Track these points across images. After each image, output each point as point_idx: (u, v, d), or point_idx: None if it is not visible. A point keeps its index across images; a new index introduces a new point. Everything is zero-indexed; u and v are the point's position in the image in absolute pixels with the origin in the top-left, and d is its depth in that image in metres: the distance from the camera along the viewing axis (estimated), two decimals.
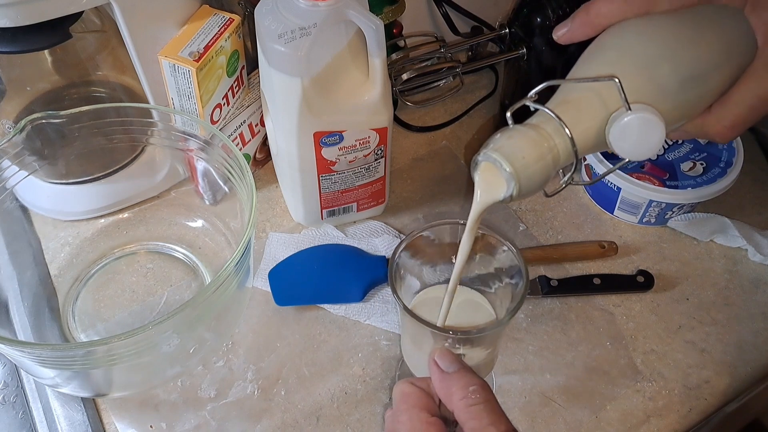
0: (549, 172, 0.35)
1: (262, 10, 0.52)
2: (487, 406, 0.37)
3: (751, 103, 0.39)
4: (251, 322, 0.60)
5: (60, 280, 0.62)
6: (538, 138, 0.35)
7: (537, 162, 0.35)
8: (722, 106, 0.40)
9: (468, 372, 0.40)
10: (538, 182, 0.35)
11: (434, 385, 0.41)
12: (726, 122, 0.40)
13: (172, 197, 0.67)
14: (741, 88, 0.39)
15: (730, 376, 0.58)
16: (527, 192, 0.35)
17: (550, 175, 0.36)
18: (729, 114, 0.40)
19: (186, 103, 0.57)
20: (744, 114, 0.40)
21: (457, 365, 0.40)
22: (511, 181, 0.35)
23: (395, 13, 0.69)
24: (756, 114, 0.40)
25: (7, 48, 0.52)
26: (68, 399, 0.56)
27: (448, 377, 0.40)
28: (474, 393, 0.38)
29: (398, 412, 0.40)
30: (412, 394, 0.40)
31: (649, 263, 0.65)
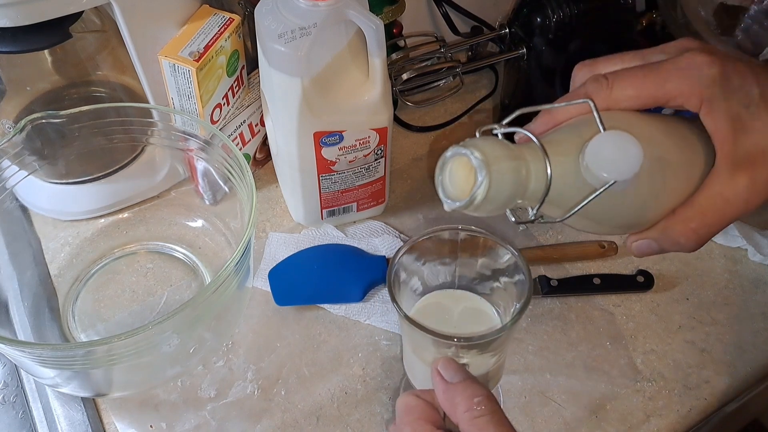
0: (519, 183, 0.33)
1: (262, 10, 0.52)
2: (493, 418, 0.36)
3: (716, 204, 0.37)
4: (251, 322, 0.60)
5: (60, 280, 0.62)
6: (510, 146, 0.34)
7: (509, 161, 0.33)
8: (687, 207, 0.38)
9: (473, 382, 0.39)
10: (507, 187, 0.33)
11: (438, 396, 0.39)
12: (692, 223, 0.37)
13: (172, 197, 0.67)
14: (705, 190, 0.37)
15: (730, 376, 0.58)
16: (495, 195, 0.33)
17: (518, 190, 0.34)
18: (694, 214, 0.37)
19: (186, 103, 0.57)
20: (709, 215, 0.37)
21: (462, 375, 0.39)
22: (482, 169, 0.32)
23: (395, 13, 0.69)
24: (721, 217, 0.37)
25: (7, 48, 0.52)
26: (68, 399, 0.56)
27: (452, 388, 0.39)
28: (479, 404, 0.37)
29: (402, 425, 0.39)
30: (417, 406, 0.39)
31: (649, 263, 0.65)
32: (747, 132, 0.36)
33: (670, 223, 0.38)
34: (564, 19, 0.60)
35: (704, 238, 0.38)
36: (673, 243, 0.38)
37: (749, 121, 0.36)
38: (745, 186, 0.36)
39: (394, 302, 0.42)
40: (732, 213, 0.37)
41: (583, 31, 0.62)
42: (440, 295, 0.49)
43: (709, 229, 0.37)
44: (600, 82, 0.38)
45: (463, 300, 0.49)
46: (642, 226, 0.39)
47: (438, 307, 0.48)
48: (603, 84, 0.38)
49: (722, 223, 0.37)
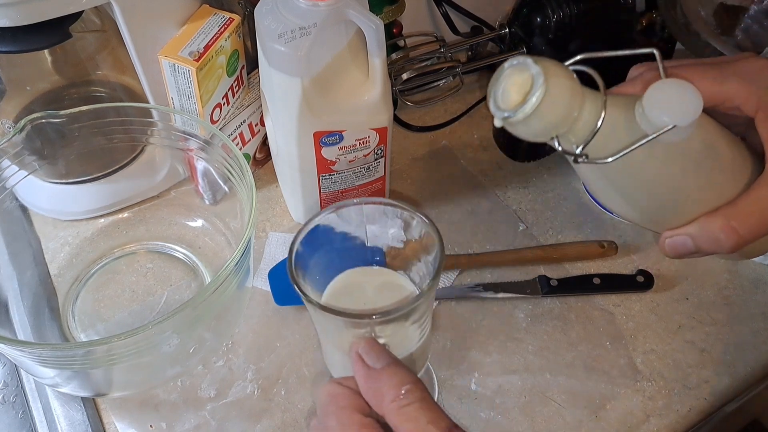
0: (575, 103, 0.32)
1: (262, 10, 0.52)
2: (422, 405, 0.33)
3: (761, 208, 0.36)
4: (251, 322, 0.60)
5: (60, 279, 0.62)
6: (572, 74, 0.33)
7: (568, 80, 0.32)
8: (730, 206, 0.37)
9: (399, 367, 0.35)
10: (563, 101, 0.32)
11: (360, 383, 0.36)
12: (733, 221, 0.36)
13: (171, 197, 0.67)
14: (751, 193, 0.37)
15: (729, 376, 0.58)
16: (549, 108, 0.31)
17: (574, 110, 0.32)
18: (737, 213, 0.36)
19: (186, 103, 0.57)
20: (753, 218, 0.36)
21: (386, 359, 0.35)
22: (540, 77, 0.31)
23: (395, 12, 0.69)
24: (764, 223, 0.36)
25: (7, 48, 0.52)
26: (68, 399, 0.56)
27: (376, 375, 0.35)
28: (408, 393, 0.33)
29: (326, 416, 0.36)
30: (341, 394, 0.36)
31: (648, 263, 0.65)
32: None
33: (710, 218, 0.36)
34: (564, 19, 0.60)
35: (744, 239, 0.36)
36: (712, 239, 0.36)
37: None
38: None
39: (295, 286, 0.38)
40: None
41: (583, 31, 0.62)
42: (351, 274, 0.45)
43: (750, 231, 0.36)
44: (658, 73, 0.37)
45: (377, 276, 0.45)
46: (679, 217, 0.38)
47: (350, 287, 0.44)
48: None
49: (763, 230, 0.36)
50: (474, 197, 0.69)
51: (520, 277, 0.63)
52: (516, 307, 0.61)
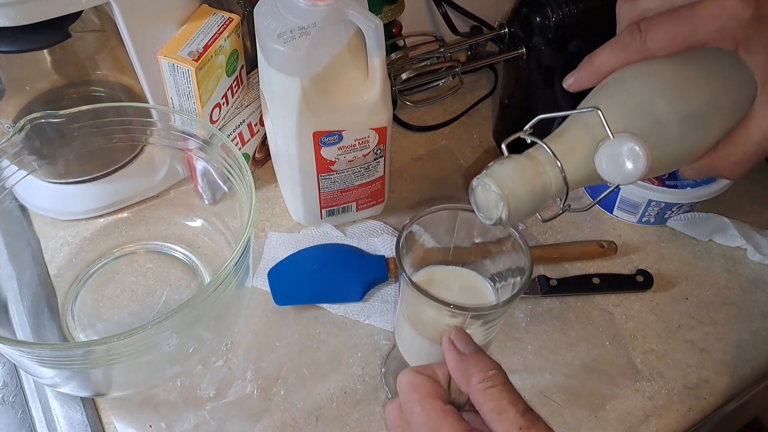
0: (538, 197, 0.38)
1: (262, 10, 0.52)
2: (505, 388, 0.37)
3: (756, 139, 0.40)
4: (251, 322, 0.60)
5: (59, 279, 0.62)
6: (528, 164, 0.38)
7: (526, 185, 0.37)
8: (728, 144, 0.41)
9: (484, 355, 0.39)
10: (527, 205, 0.37)
11: (450, 365, 0.40)
12: (733, 158, 0.41)
13: (171, 197, 0.67)
14: (745, 126, 0.40)
15: (729, 376, 0.58)
16: (517, 214, 0.37)
17: (540, 199, 0.38)
18: (735, 151, 0.41)
19: (185, 103, 0.57)
20: (750, 150, 0.41)
21: (473, 347, 0.40)
22: (500, 202, 0.37)
23: (395, 12, 0.69)
24: (762, 150, 0.41)
25: (6, 47, 0.52)
26: (67, 398, 0.56)
27: (466, 359, 0.39)
28: (494, 376, 0.37)
29: (410, 403, 0.39)
30: (423, 383, 0.39)
31: (648, 263, 0.65)
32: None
33: (713, 160, 0.41)
34: (564, 19, 0.60)
35: (746, 167, 0.41)
36: (718, 174, 0.41)
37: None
38: None
39: (401, 266, 0.42)
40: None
41: (583, 31, 0.62)
42: (437, 271, 0.49)
43: (750, 159, 0.40)
44: (634, 35, 0.40)
45: (460, 276, 0.49)
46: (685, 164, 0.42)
47: (436, 283, 0.48)
48: (636, 36, 0.40)
49: (761, 156, 0.40)
50: None
51: None
52: (515, 306, 0.61)
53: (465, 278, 0.49)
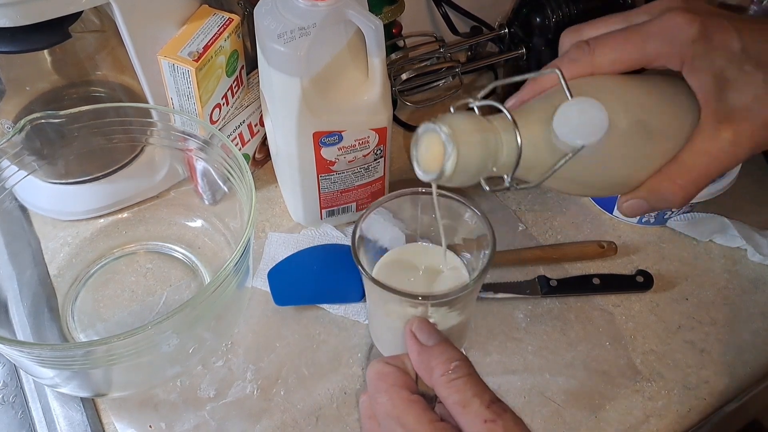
0: (490, 153, 0.35)
1: (262, 10, 0.52)
2: (469, 380, 0.36)
3: (701, 160, 0.37)
4: (251, 322, 0.60)
5: (59, 280, 0.62)
6: (483, 120, 0.35)
7: (477, 133, 0.34)
8: (673, 165, 0.38)
9: (448, 345, 0.38)
10: (476, 160, 0.34)
11: (412, 358, 0.39)
12: (678, 180, 0.38)
13: (171, 197, 0.67)
14: (690, 148, 0.38)
15: (729, 376, 0.58)
16: (464, 167, 0.34)
17: (489, 159, 0.35)
18: (680, 172, 0.38)
19: (185, 103, 0.57)
20: (695, 171, 0.38)
21: (436, 338, 0.39)
22: (450, 145, 0.33)
23: (395, 12, 0.69)
24: (706, 172, 0.38)
25: (6, 48, 0.52)
26: (67, 399, 0.56)
27: (428, 351, 0.38)
28: (456, 368, 0.36)
29: (376, 393, 0.38)
30: (389, 373, 0.38)
31: (648, 263, 0.65)
32: (730, 88, 0.36)
33: (657, 181, 0.38)
34: (564, 19, 0.60)
35: (691, 193, 0.38)
36: (661, 200, 0.38)
37: (732, 76, 0.36)
38: (730, 141, 0.36)
39: (358, 264, 0.41)
40: (717, 167, 0.37)
41: None
42: (404, 251, 0.48)
43: (696, 185, 0.37)
44: (582, 49, 0.39)
45: (428, 253, 0.48)
46: (631, 186, 0.39)
47: (402, 264, 0.47)
48: (585, 50, 0.39)
49: (708, 178, 0.37)
50: (473, 197, 0.69)
51: (519, 277, 0.63)
52: (515, 307, 0.61)
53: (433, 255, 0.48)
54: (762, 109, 0.36)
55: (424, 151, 0.36)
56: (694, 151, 0.37)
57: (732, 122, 0.36)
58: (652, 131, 0.38)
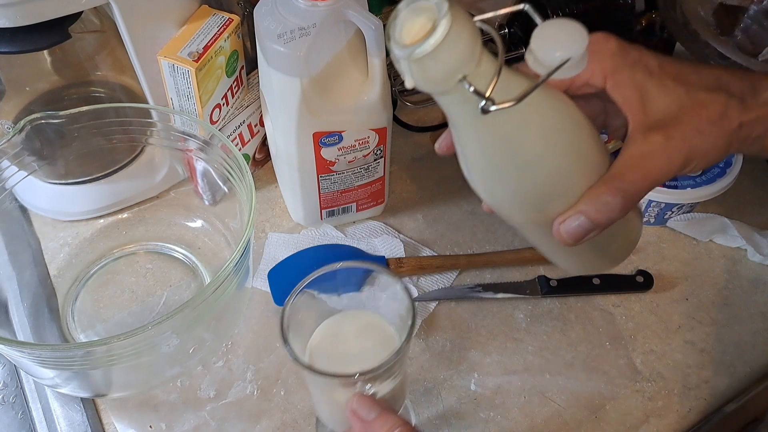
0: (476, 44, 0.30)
1: (262, 10, 0.52)
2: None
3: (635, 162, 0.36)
4: (251, 323, 0.60)
5: (59, 280, 0.62)
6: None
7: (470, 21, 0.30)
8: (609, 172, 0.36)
9: (389, 414, 0.40)
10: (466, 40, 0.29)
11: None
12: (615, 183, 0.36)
13: (171, 197, 0.67)
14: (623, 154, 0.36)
15: (729, 377, 0.58)
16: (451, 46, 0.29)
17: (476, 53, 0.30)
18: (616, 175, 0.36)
19: (185, 104, 0.57)
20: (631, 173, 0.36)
21: (377, 410, 0.40)
22: (442, 11, 0.28)
23: None
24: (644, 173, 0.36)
25: (6, 48, 0.52)
26: (67, 399, 0.56)
27: (371, 425, 0.40)
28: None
29: None
30: None
31: (648, 263, 0.65)
32: (653, 100, 0.36)
33: (594, 189, 0.36)
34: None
35: (632, 195, 0.36)
36: (602, 205, 0.35)
37: (653, 90, 0.36)
38: (661, 142, 0.36)
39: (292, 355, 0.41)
40: (654, 168, 0.36)
41: None
42: (335, 322, 0.48)
43: (634, 186, 0.36)
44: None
45: (357, 320, 0.49)
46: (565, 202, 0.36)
47: (334, 337, 0.48)
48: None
49: (647, 179, 0.36)
50: (474, 197, 0.69)
51: (519, 277, 0.63)
52: (515, 307, 0.61)
53: (362, 321, 0.49)
54: (691, 117, 0.36)
55: (403, 25, 0.30)
56: (628, 156, 0.36)
57: (661, 128, 0.36)
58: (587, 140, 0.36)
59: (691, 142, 0.36)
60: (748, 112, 0.37)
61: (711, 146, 0.36)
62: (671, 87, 0.37)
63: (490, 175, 0.36)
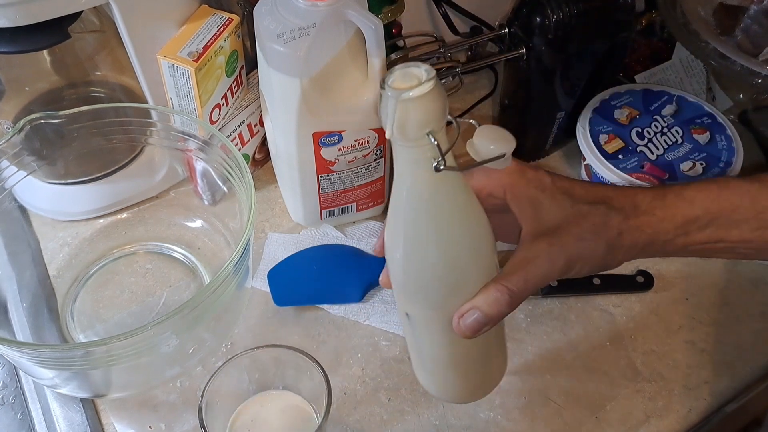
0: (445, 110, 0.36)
1: (261, 10, 0.51)
2: None
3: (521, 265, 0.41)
4: (250, 323, 0.60)
5: (59, 280, 0.62)
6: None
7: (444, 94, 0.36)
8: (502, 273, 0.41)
9: None
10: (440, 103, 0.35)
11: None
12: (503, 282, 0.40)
13: (171, 197, 0.67)
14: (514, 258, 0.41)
15: (729, 377, 0.58)
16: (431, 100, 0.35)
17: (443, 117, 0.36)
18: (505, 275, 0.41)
19: (185, 103, 0.57)
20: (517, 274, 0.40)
21: None
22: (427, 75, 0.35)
23: (394, 13, 0.69)
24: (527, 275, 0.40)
25: (6, 48, 0.52)
26: (67, 400, 0.55)
27: None
28: None
29: None
30: None
31: (648, 263, 0.65)
32: (545, 210, 0.42)
33: (487, 287, 0.40)
34: (563, 19, 0.60)
35: (517, 295, 0.40)
36: (492, 301, 0.40)
37: (545, 201, 0.42)
38: (545, 248, 0.41)
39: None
40: (537, 270, 0.40)
41: (583, 31, 0.62)
42: (251, 404, 0.51)
43: (518, 285, 0.40)
44: None
45: (275, 400, 0.51)
46: (463, 296, 0.41)
47: (254, 419, 0.50)
48: None
49: (529, 281, 0.40)
50: None
51: None
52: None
53: (281, 401, 0.51)
54: (573, 227, 0.41)
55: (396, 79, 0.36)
56: (515, 260, 0.41)
57: (546, 236, 0.41)
58: (491, 241, 0.41)
59: (571, 248, 0.41)
60: (628, 222, 0.42)
61: (591, 252, 0.41)
62: (560, 200, 0.42)
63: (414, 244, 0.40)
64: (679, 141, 0.67)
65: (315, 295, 0.61)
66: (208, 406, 0.47)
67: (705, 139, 0.67)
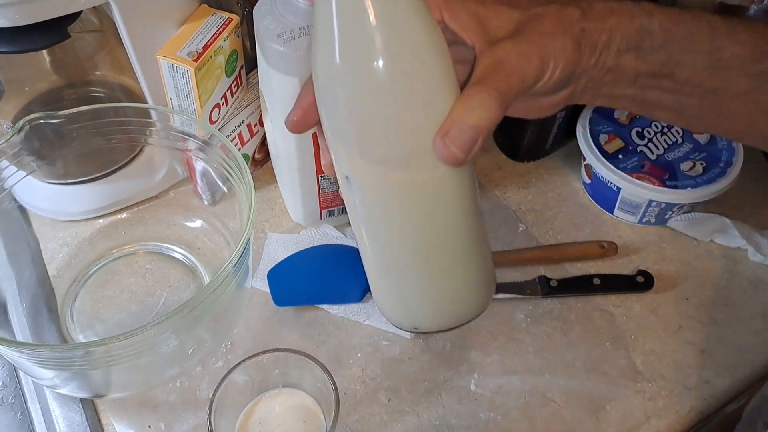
0: None
1: (261, 10, 0.51)
2: None
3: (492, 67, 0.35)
4: (250, 323, 0.60)
5: (58, 280, 0.62)
6: None
7: None
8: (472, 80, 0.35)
9: None
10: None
11: None
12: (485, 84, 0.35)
13: (170, 197, 0.67)
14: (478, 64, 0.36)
15: (730, 377, 0.58)
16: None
17: None
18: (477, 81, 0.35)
19: (184, 103, 0.57)
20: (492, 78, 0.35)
21: None
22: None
23: None
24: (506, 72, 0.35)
25: (5, 48, 0.52)
26: (67, 400, 0.55)
27: None
28: None
29: None
30: None
31: (648, 263, 0.65)
32: (491, 22, 0.37)
33: (462, 96, 0.35)
34: None
35: (504, 92, 0.35)
36: (477, 105, 0.34)
37: (489, 13, 0.37)
38: (512, 47, 0.36)
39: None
40: (513, 67, 0.35)
41: None
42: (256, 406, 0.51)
43: (501, 84, 0.35)
44: None
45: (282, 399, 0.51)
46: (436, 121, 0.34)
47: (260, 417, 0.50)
48: None
49: (511, 76, 0.35)
50: None
51: (519, 277, 0.63)
52: (516, 307, 0.61)
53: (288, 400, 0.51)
54: (533, 26, 0.36)
55: None
56: (483, 66, 0.36)
57: (507, 39, 0.36)
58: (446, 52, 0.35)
59: (539, 42, 0.36)
60: (587, 19, 0.37)
61: (560, 47, 0.36)
62: (506, 11, 0.37)
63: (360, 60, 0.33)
64: (679, 141, 0.67)
65: (315, 295, 0.61)
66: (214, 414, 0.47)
67: (705, 138, 0.67)
